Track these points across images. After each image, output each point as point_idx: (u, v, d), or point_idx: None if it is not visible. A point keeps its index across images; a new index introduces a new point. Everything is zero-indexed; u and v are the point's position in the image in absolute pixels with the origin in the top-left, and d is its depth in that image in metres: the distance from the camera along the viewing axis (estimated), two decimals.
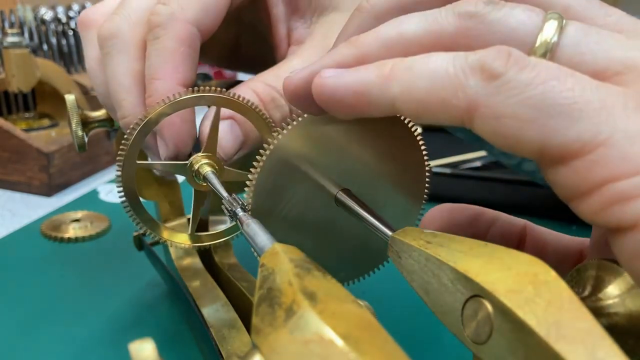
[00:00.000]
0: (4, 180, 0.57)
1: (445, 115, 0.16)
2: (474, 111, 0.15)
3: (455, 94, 0.16)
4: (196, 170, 0.25)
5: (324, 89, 0.18)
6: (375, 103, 0.17)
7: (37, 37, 0.80)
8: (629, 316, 0.16)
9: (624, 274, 0.16)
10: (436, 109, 0.16)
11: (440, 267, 0.16)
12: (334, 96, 0.18)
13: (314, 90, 0.18)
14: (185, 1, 0.26)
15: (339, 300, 0.14)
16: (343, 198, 0.22)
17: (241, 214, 0.20)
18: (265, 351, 0.13)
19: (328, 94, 0.18)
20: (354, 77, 0.17)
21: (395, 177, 0.24)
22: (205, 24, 0.26)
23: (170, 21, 0.25)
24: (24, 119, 0.66)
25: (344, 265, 0.24)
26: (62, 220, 0.48)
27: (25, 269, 0.41)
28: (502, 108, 0.15)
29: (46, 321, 0.35)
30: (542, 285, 0.14)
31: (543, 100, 0.15)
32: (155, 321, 0.35)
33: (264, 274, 0.16)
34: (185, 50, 0.25)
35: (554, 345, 0.12)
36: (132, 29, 0.27)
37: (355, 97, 0.17)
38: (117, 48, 0.27)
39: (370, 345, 0.13)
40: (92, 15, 0.30)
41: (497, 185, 0.53)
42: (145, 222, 0.27)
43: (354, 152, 0.22)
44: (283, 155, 0.21)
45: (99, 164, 0.63)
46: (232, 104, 0.25)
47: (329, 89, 0.18)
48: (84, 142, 0.31)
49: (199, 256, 0.35)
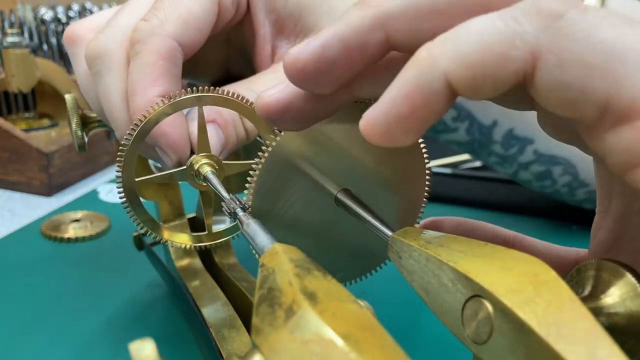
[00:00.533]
0: (4, 180, 0.57)
1: (504, 73, 0.14)
2: (536, 60, 0.14)
3: (513, 44, 0.14)
4: (196, 170, 0.25)
5: (375, 130, 0.16)
6: (428, 91, 0.15)
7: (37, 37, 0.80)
8: (629, 316, 0.16)
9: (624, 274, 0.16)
10: (494, 68, 0.14)
11: (440, 267, 0.16)
12: (392, 118, 0.15)
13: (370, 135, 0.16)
14: (165, 16, 0.26)
15: (339, 300, 0.14)
16: (343, 198, 0.22)
17: (241, 214, 0.20)
18: (265, 351, 0.13)
19: (387, 123, 0.15)
20: (400, 90, 0.15)
21: (395, 177, 0.24)
22: (187, 38, 0.26)
23: (150, 36, 0.26)
24: (24, 119, 0.66)
25: (344, 265, 0.24)
26: (62, 220, 0.48)
27: (25, 269, 0.41)
28: (568, 53, 0.13)
29: (46, 321, 0.35)
30: (542, 285, 0.14)
31: (614, 46, 0.13)
32: (155, 321, 0.35)
33: (264, 274, 0.16)
34: (164, 64, 0.25)
35: (554, 345, 0.12)
36: (119, 47, 0.27)
37: (410, 101, 0.15)
38: (105, 67, 0.27)
39: (370, 345, 0.13)
40: (78, 31, 0.30)
41: (497, 185, 0.53)
42: (146, 222, 0.27)
43: (354, 151, 0.22)
44: (283, 155, 0.21)
45: (99, 164, 0.63)
46: (232, 103, 0.25)
47: (382, 119, 0.15)
48: (84, 142, 0.31)
49: (199, 256, 0.35)
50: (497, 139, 0.41)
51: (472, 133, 0.41)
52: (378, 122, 0.15)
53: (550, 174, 0.43)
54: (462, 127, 0.41)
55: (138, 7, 0.28)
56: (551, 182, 0.43)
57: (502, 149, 0.42)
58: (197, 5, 0.27)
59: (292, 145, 0.21)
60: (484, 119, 0.40)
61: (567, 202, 0.46)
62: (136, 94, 0.25)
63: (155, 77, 0.25)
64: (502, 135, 0.41)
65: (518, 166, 0.43)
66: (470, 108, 0.40)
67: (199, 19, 0.27)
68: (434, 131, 0.42)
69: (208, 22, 0.27)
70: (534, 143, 0.41)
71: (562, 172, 0.42)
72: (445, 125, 0.41)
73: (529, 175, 0.43)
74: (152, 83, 0.25)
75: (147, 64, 0.25)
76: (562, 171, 0.42)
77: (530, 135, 0.41)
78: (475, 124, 0.40)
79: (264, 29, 0.30)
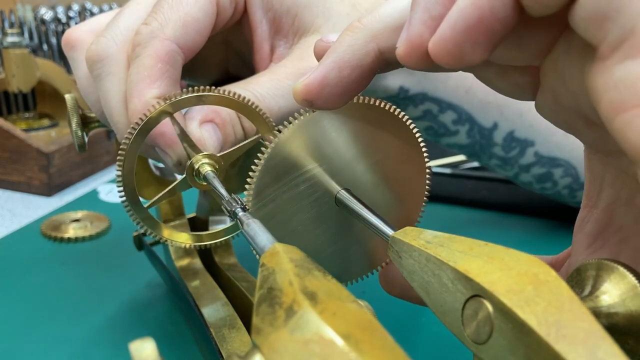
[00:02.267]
0: (4, 180, 0.57)
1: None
2: None
3: None
4: (196, 169, 0.25)
5: (444, 48, 0.16)
6: (499, 14, 0.15)
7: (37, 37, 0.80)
8: (629, 316, 0.16)
9: (624, 274, 0.16)
10: None
11: (440, 267, 0.16)
12: (460, 31, 0.16)
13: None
14: (165, 19, 0.26)
15: (340, 300, 0.14)
16: (343, 198, 0.22)
17: (241, 214, 0.20)
18: (265, 351, 0.13)
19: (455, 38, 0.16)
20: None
21: (395, 177, 0.24)
22: (186, 41, 0.27)
23: (150, 39, 0.26)
24: (24, 119, 0.66)
25: (344, 265, 0.24)
26: (62, 220, 0.48)
27: (25, 269, 0.41)
28: None
29: (46, 321, 0.35)
30: (542, 285, 0.14)
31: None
32: (155, 321, 0.35)
33: (264, 274, 0.16)
34: (162, 66, 0.26)
35: (554, 345, 0.12)
36: (120, 50, 0.27)
37: (478, 9, 0.15)
38: (106, 70, 0.27)
39: (370, 345, 0.13)
40: (76, 35, 0.30)
41: (497, 185, 0.53)
42: (146, 222, 0.27)
43: (354, 151, 0.22)
44: (283, 154, 0.21)
45: (99, 164, 0.63)
46: (232, 103, 0.25)
47: (449, 34, 0.16)
48: (84, 142, 0.31)
49: (199, 256, 0.35)
50: (497, 141, 0.41)
51: (473, 136, 0.41)
52: (446, 37, 0.16)
53: (551, 176, 0.43)
54: (463, 130, 0.41)
55: (137, 9, 0.28)
56: (552, 184, 0.43)
57: (502, 152, 0.42)
58: (195, 7, 0.27)
59: (292, 145, 0.21)
60: (484, 122, 0.40)
61: (568, 203, 0.46)
62: (133, 97, 0.25)
63: (153, 80, 0.25)
64: (502, 138, 0.41)
65: (519, 168, 0.43)
66: (470, 110, 0.40)
67: (198, 21, 0.27)
68: (435, 135, 0.42)
69: (207, 23, 0.27)
70: (535, 145, 0.41)
71: (563, 174, 0.42)
72: (446, 129, 0.41)
73: (529, 177, 0.44)
74: (150, 85, 0.25)
75: (145, 66, 0.26)
76: (563, 173, 0.42)
77: (530, 137, 0.41)
78: (475, 127, 0.40)
79: (262, 28, 0.30)
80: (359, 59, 0.19)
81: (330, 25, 0.30)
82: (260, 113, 0.26)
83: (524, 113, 0.40)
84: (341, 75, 0.19)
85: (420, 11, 0.17)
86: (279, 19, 0.30)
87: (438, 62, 0.16)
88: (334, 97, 0.20)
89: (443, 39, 0.16)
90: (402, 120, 0.23)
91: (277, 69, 0.29)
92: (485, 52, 0.16)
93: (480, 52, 0.16)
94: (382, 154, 0.23)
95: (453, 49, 0.16)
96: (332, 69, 0.20)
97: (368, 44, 0.19)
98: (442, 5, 0.17)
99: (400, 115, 0.22)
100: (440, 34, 0.16)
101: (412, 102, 0.38)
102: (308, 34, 0.30)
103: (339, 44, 0.20)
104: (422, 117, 0.40)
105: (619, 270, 0.17)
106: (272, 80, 0.28)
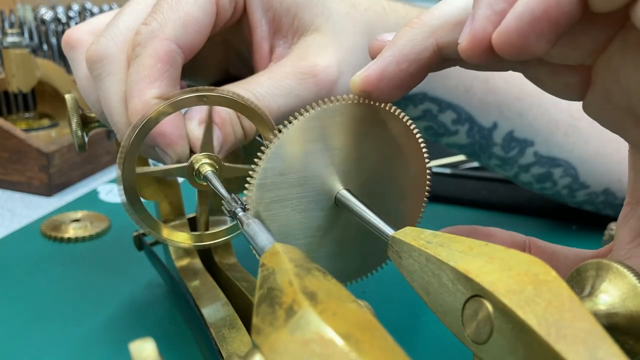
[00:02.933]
0: (4, 180, 0.57)
1: None
2: None
3: None
4: (196, 169, 0.25)
5: (510, 39, 0.17)
6: (565, 6, 0.16)
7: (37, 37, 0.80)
8: (629, 316, 0.16)
9: (624, 274, 0.16)
10: None
11: (440, 267, 0.16)
12: (526, 22, 0.16)
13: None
14: (164, 19, 0.26)
15: (340, 300, 0.14)
16: (343, 198, 0.22)
17: (241, 214, 0.20)
18: (265, 351, 0.13)
19: (520, 29, 0.17)
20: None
21: (395, 177, 0.24)
22: (186, 40, 0.27)
23: (150, 39, 0.26)
24: (24, 119, 0.66)
25: (344, 266, 0.24)
26: (62, 220, 0.48)
27: (25, 269, 0.41)
28: None
29: (46, 321, 0.35)
30: (542, 285, 0.14)
31: None
32: (155, 321, 0.35)
33: (264, 274, 0.16)
34: (162, 66, 0.26)
35: (554, 345, 0.12)
36: (120, 50, 0.27)
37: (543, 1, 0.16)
38: (106, 70, 0.27)
39: (370, 345, 0.13)
40: (76, 36, 0.30)
41: (497, 185, 0.53)
42: (146, 222, 0.27)
43: (354, 151, 0.22)
44: (283, 154, 0.21)
45: (99, 164, 0.63)
46: (233, 103, 0.25)
47: (514, 25, 0.17)
48: (84, 142, 0.31)
49: (199, 256, 0.35)
50: (497, 141, 0.41)
51: (473, 135, 0.41)
52: (511, 28, 0.17)
53: (550, 175, 0.43)
54: (463, 130, 0.41)
55: (137, 9, 0.28)
56: (551, 184, 0.43)
57: (502, 152, 0.42)
58: (195, 7, 0.27)
59: (292, 144, 0.21)
60: (484, 122, 0.40)
61: (567, 203, 0.46)
62: (133, 96, 0.25)
63: (153, 79, 0.25)
64: (502, 138, 0.41)
65: (518, 168, 0.43)
66: (470, 110, 0.40)
67: (198, 20, 0.27)
68: (435, 135, 0.42)
69: (207, 23, 0.27)
70: (534, 145, 0.41)
71: (563, 174, 0.42)
72: (446, 128, 0.41)
73: (529, 177, 0.44)
74: (149, 85, 0.25)
75: (145, 66, 0.26)
76: (562, 173, 0.42)
77: (530, 137, 0.41)
78: (475, 127, 0.40)
79: (261, 28, 0.30)
80: (417, 53, 0.20)
81: (330, 24, 0.30)
82: (260, 112, 0.26)
83: (523, 113, 0.40)
84: (399, 68, 0.20)
85: (484, 7, 0.18)
86: (279, 19, 0.30)
87: (501, 53, 0.17)
88: (391, 89, 0.21)
89: (508, 29, 0.17)
90: (402, 120, 0.23)
91: (276, 69, 0.29)
92: (548, 44, 0.17)
93: (544, 43, 0.17)
94: (382, 154, 0.23)
95: (517, 40, 0.17)
96: (391, 62, 0.20)
97: (427, 39, 0.20)
98: (506, 1, 0.17)
99: (400, 115, 0.23)
100: (505, 25, 0.17)
101: (411, 102, 0.38)
102: (307, 33, 0.30)
103: (399, 38, 0.21)
104: (422, 116, 0.40)
105: (619, 270, 0.17)
106: (272, 79, 0.28)
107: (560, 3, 0.16)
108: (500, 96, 0.40)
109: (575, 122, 0.41)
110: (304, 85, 0.28)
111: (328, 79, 0.29)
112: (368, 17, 0.33)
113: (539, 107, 0.40)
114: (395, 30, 0.21)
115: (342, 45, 0.30)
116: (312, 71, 0.28)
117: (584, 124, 0.41)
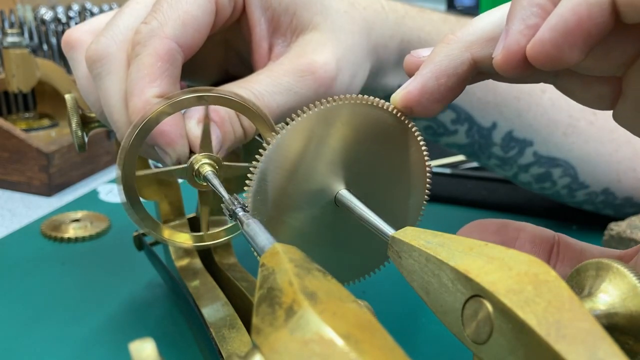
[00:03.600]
0: (4, 180, 0.57)
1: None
2: None
3: None
4: (196, 170, 0.25)
5: (544, 50, 0.18)
6: (597, 18, 0.17)
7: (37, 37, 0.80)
8: (629, 316, 0.16)
9: (624, 273, 0.16)
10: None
11: (440, 267, 0.16)
12: (560, 33, 0.17)
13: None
14: (165, 18, 0.26)
15: (339, 300, 0.14)
16: (343, 198, 0.22)
17: (241, 214, 0.20)
18: (265, 351, 0.13)
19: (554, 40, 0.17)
20: (567, 5, 0.17)
21: (395, 177, 0.24)
22: (186, 39, 0.27)
23: (149, 38, 0.26)
24: (24, 119, 0.66)
25: (344, 266, 0.24)
26: (62, 220, 0.48)
27: (25, 269, 0.41)
28: None
29: (46, 321, 0.35)
30: (542, 285, 0.14)
31: None
32: (155, 321, 0.35)
33: (264, 274, 0.16)
34: (162, 65, 0.26)
35: (554, 345, 0.12)
36: (120, 49, 0.27)
37: (577, 14, 0.17)
38: (106, 70, 0.27)
39: (370, 345, 0.13)
40: (76, 36, 0.30)
41: (497, 185, 0.53)
42: (146, 222, 0.27)
43: (354, 151, 0.22)
44: (283, 153, 0.21)
45: (99, 164, 0.63)
46: (233, 103, 0.25)
47: (548, 36, 0.17)
48: (84, 142, 0.31)
49: (199, 256, 0.35)
50: (496, 141, 0.41)
51: (472, 135, 0.41)
52: (545, 39, 0.17)
53: (549, 175, 0.43)
54: (462, 130, 0.41)
55: (137, 8, 0.28)
56: (551, 183, 0.43)
57: (501, 151, 0.42)
58: (195, 6, 0.27)
59: (292, 144, 0.21)
60: (483, 121, 0.40)
61: (567, 203, 0.46)
62: (133, 95, 0.25)
63: (153, 78, 0.25)
64: (501, 138, 0.41)
65: (518, 168, 0.43)
66: (469, 110, 0.40)
67: (198, 19, 0.27)
68: (434, 134, 0.42)
69: (206, 22, 0.27)
70: (534, 145, 0.41)
71: (562, 173, 0.42)
72: (445, 128, 0.41)
73: (528, 177, 0.44)
74: (149, 84, 0.25)
75: (145, 65, 0.26)
76: (561, 173, 0.42)
77: (529, 137, 0.41)
78: (474, 126, 0.40)
79: (260, 27, 0.30)
80: (455, 68, 0.21)
81: (329, 22, 0.30)
82: (259, 112, 0.26)
83: (522, 113, 0.40)
84: (439, 82, 0.21)
85: (518, 22, 0.19)
86: (278, 18, 0.30)
87: (535, 64, 0.18)
88: (432, 103, 0.21)
89: (542, 40, 0.17)
90: (402, 120, 0.23)
91: (275, 67, 0.29)
92: (581, 55, 0.17)
93: (577, 53, 0.17)
94: (382, 154, 0.23)
95: (551, 50, 0.17)
96: (430, 78, 0.21)
97: (463, 53, 0.21)
98: (539, 16, 0.18)
99: (399, 115, 0.23)
100: (539, 36, 0.18)
101: None
102: (306, 31, 0.30)
103: (436, 54, 0.21)
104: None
105: (619, 270, 0.17)
106: (270, 77, 0.28)
107: (592, 15, 0.17)
108: (500, 96, 0.40)
109: (574, 122, 0.41)
110: (303, 83, 0.28)
111: (327, 76, 0.29)
112: (367, 16, 0.33)
113: (538, 107, 0.40)
114: (394, 28, 0.21)
115: (341, 43, 0.30)
116: (310, 68, 0.28)
117: (583, 124, 0.41)
